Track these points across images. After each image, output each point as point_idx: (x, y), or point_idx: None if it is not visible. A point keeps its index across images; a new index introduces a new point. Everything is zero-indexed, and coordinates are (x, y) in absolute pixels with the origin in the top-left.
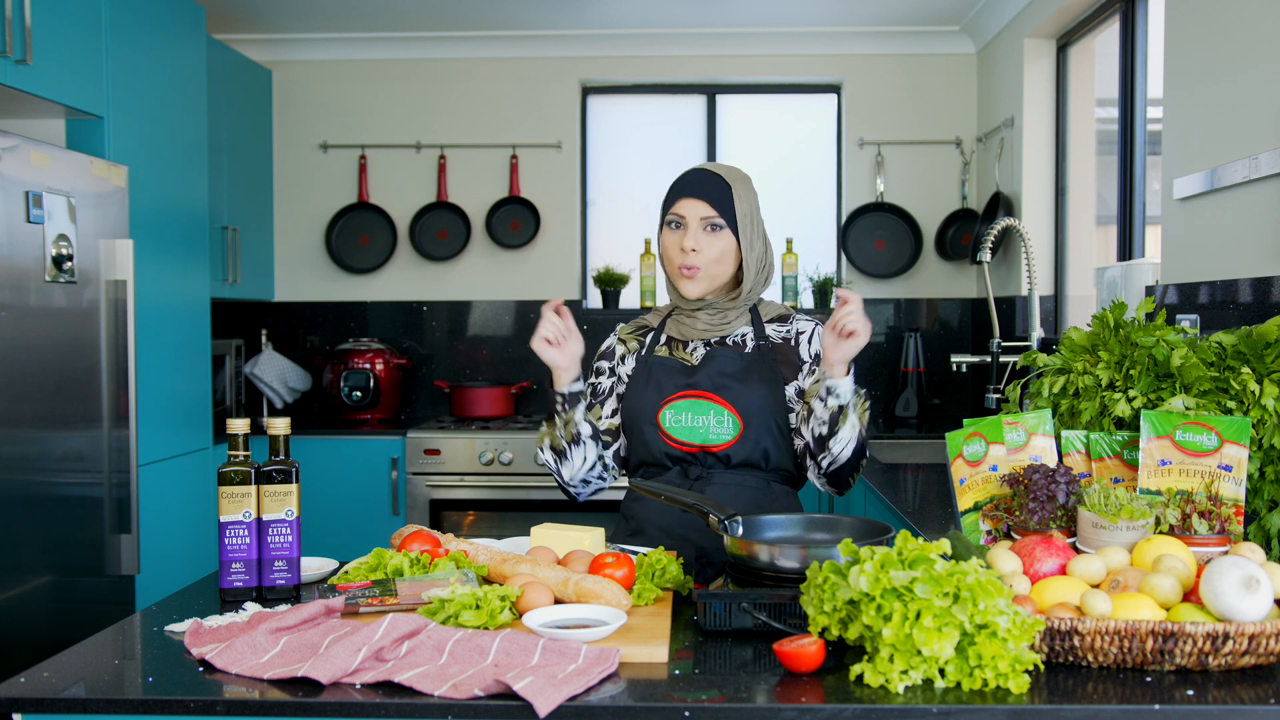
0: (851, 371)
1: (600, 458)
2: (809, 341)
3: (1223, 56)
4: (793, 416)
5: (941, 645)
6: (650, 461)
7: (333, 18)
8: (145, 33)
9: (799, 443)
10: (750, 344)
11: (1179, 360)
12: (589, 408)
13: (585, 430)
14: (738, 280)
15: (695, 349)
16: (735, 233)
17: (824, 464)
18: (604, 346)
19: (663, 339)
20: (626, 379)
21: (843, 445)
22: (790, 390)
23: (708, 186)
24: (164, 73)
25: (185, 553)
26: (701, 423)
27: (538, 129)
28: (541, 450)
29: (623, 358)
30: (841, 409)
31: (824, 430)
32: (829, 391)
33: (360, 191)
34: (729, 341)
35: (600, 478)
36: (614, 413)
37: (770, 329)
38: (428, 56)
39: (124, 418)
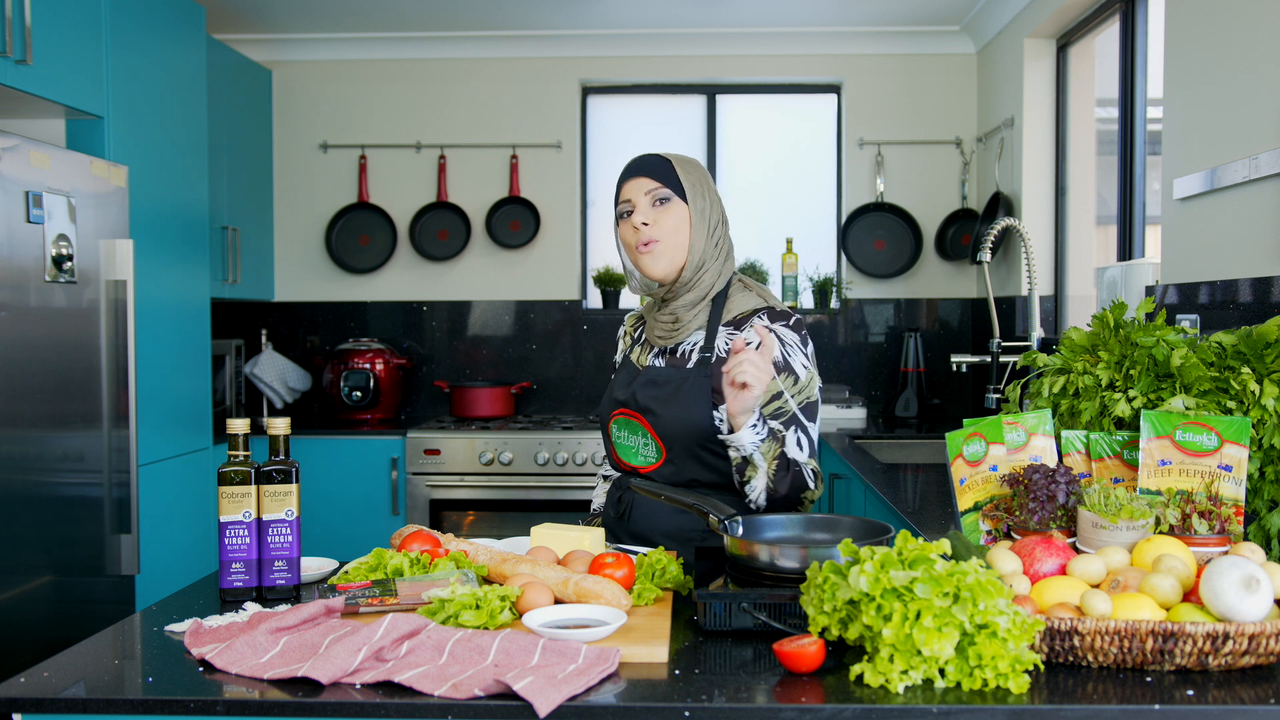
0: (756, 420)
1: None
2: None
3: (1223, 56)
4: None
5: (941, 645)
6: (615, 469)
7: (333, 18)
8: (145, 33)
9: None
10: (696, 356)
11: (1179, 360)
12: None
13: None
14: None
15: (651, 357)
16: (686, 201)
17: (749, 506)
18: (617, 336)
19: (644, 337)
20: None
21: (757, 492)
22: (722, 411)
23: (646, 164)
24: (164, 73)
25: (185, 553)
26: (634, 442)
27: (538, 129)
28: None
29: (623, 354)
30: (746, 459)
31: (738, 477)
32: (728, 444)
33: (360, 191)
34: (679, 352)
35: None
36: None
37: (722, 337)
38: (428, 56)
39: (124, 418)
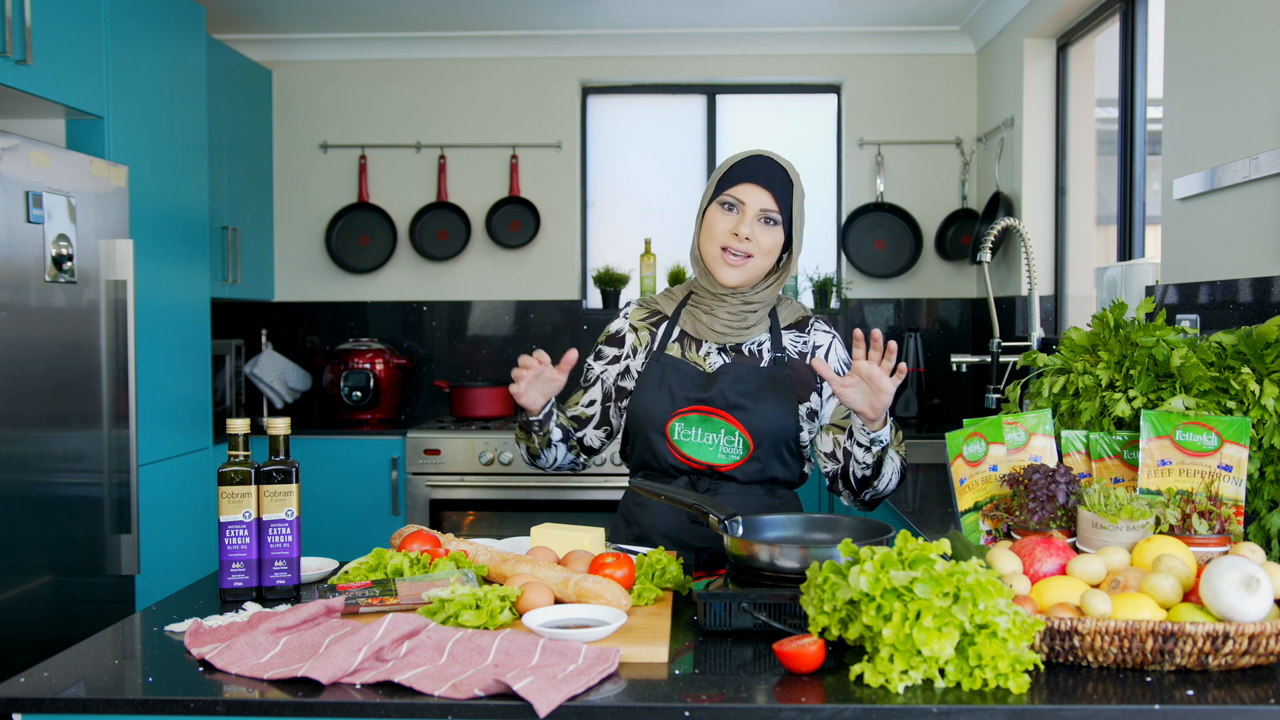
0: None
1: (570, 449)
2: (825, 358)
3: (1223, 56)
4: (803, 435)
5: (941, 645)
6: (655, 468)
7: (333, 18)
8: (145, 33)
9: (831, 467)
10: (767, 356)
11: (1179, 360)
12: (576, 390)
13: (556, 435)
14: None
15: (709, 353)
16: (788, 230)
17: (866, 497)
18: (613, 329)
19: (676, 331)
20: (636, 374)
21: (887, 480)
22: (803, 410)
23: (774, 177)
24: (164, 73)
25: (185, 553)
26: (711, 440)
27: (538, 129)
28: (518, 444)
29: (634, 349)
30: (884, 448)
31: (868, 473)
32: (873, 442)
33: (360, 191)
34: (745, 350)
35: (571, 465)
36: (591, 403)
37: (788, 339)
38: (428, 56)
39: (124, 418)
